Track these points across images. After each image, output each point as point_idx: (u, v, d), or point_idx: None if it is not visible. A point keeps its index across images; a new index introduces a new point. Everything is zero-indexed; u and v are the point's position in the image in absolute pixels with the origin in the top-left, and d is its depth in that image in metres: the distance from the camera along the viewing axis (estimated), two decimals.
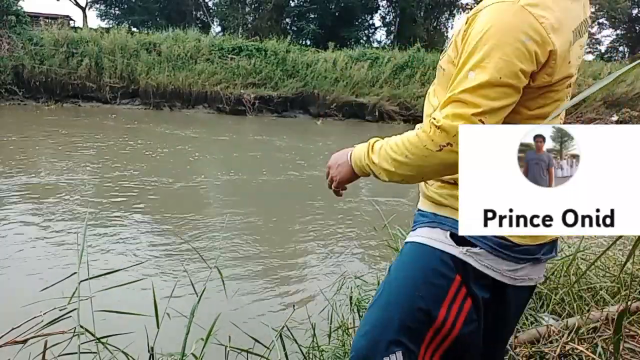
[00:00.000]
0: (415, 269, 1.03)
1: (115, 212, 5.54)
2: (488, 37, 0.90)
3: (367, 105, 18.21)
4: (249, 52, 18.36)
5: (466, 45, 0.94)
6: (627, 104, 18.02)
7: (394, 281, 1.06)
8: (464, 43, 0.96)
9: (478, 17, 0.94)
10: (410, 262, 1.06)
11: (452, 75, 0.97)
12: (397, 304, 1.02)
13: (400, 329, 1.00)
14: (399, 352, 0.99)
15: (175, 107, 17.35)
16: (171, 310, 1.43)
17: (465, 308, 0.99)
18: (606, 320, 1.80)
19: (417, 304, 1.00)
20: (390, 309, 1.02)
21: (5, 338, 1.22)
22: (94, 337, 1.32)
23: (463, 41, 0.96)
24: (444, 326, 0.99)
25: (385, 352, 0.99)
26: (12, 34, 15.79)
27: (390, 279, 1.08)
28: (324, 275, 4.14)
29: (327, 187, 1.21)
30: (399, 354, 0.99)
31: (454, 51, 1.01)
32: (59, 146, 9.49)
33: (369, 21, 29.14)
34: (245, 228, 5.33)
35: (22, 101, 15.77)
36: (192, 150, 10.05)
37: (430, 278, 1.00)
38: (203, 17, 29.09)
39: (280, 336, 1.65)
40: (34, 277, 3.69)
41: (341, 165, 1.14)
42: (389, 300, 1.04)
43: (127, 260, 4.16)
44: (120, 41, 17.17)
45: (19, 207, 5.49)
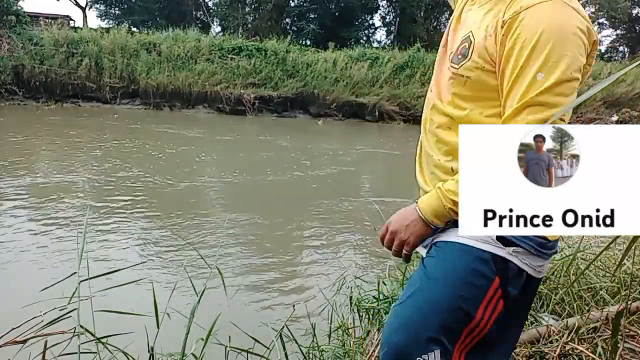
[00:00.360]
0: (457, 269, 1.02)
1: (116, 212, 5.53)
2: (547, 37, 0.91)
3: (367, 105, 18.21)
4: (249, 52, 18.35)
5: (515, 49, 0.94)
6: (627, 104, 18.01)
7: (434, 279, 1.04)
8: (510, 47, 0.94)
9: (522, 20, 0.94)
10: (451, 261, 1.04)
11: (481, 81, 1.00)
12: (437, 303, 1.00)
13: (440, 327, 0.99)
14: (437, 351, 0.98)
15: (175, 107, 17.35)
16: (171, 310, 1.43)
17: (498, 309, 1.00)
18: (606, 320, 1.80)
19: (457, 304, 0.99)
20: (429, 307, 1.01)
21: (5, 338, 1.22)
22: (94, 337, 1.32)
23: (503, 45, 0.95)
24: (477, 326, 1.00)
25: (424, 350, 0.98)
26: (12, 34, 15.78)
27: (429, 276, 1.05)
28: (324, 275, 4.14)
29: (393, 254, 1.11)
30: (437, 353, 0.98)
31: (481, 57, 1.00)
32: (64, 146, 9.49)
33: (369, 21, 29.14)
34: (246, 228, 5.33)
35: (22, 101, 15.76)
36: (198, 150, 10.08)
37: (471, 279, 1.00)
38: (203, 17, 29.07)
39: (280, 336, 1.65)
40: (34, 277, 3.69)
41: (411, 226, 1.07)
42: (429, 298, 1.02)
43: (127, 260, 4.16)
44: (120, 41, 17.17)
45: (20, 207, 5.48)
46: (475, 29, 1.04)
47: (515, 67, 0.94)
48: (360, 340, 2.03)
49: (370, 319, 2.15)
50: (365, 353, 1.88)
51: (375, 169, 10.68)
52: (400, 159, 10.35)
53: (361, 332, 2.13)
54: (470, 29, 1.06)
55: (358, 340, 2.03)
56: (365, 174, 9.99)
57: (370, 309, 2.15)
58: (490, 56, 0.99)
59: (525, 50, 0.92)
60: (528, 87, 0.91)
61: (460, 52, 1.06)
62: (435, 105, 1.14)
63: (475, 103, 1.04)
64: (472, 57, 1.02)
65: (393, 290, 2.22)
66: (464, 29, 1.10)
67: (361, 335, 2.09)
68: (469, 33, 1.06)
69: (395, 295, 2.13)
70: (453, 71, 1.07)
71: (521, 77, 0.92)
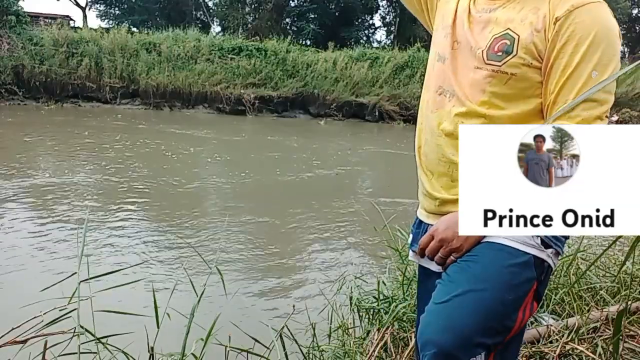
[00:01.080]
0: (503, 272, 1.00)
1: (117, 212, 5.54)
2: (601, 37, 0.94)
3: (367, 105, 18.21)
4: (249, 52, 18.35)
5: (570, 46, 0.96)
6: (627, 104, 18.01)
7: (481, 280, 1.00)
8: (563, 44, 0.96)
9: (574, 18, 0.96)
10: (498, 263, 1.01)
11: (527, 78, 1.01)
12: (488, 307, 0.98)
13: (489, 331, 0.98)
14: (482, 354, 0.97)
15: (175, 107, 17.34)
16: (171, 310, 1.43)
17: (533, 310, 1.02)
18: (606, 320, 1.80)
19: (506, 308, 0.99)
20: (481, 310, 0.98)
21: (5, 338, 1.22)
22: (94, 337, 1.32)
23: (554, 42, 0.97)
24: (517, 328, 1.00)
25: (472, 353, 0.96)
26: (12, 34, 15.78)
27: (477, 277, 1.01)
28: (324, 276, 4.13)
29: (437, 262, 1.08)
30: (482, 356, 0.97)
31: (528, 53, 1.00)
32: (77, 146, 9.48)
33: (369, 21, 29.15)
34: (247, 228, 5.33)
35: (22, 101, 15.76)
36: (210, 151, 10.12)
37: (516, 282, 0.99)
38: (203, 17, 29.07)
39: (280, 336, 1.65)
40: (34, 277, 3.69)
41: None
42: (479, 300, 0.99)
43: (127, 260, 4.16)
44: (120, 41, 17.16)
45: (20, 207, 5.48)
46: (515, 26, 1.03)
47: (570, 63, 0.96)
48: (360, 340, 2.03)
49: (370, 319, 2.15)
50: (365, 353, 1.88)
51: (386, 169, 10.66)
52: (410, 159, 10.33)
53: (361, 332, 2.13)
54: (506, 26, 1.05)
55: (358, 340, 2.03)
56: (375, 173, 10.02)
57: (370, 309, 2.14)
58: (539, 52, 1.00)
59: (581, 47, 0.95)
60: (584, 84, 0.94)
61: (500, 48, 1.04)
62: (462, 110, 1.08)
63: (514, 102, 1.03)
64: (518, 53, 1.01)
65: (393, 291, 2.21)
66: (493, 27, 1.07)
67: (361, 335, 2.09)
68: (506, 30, 1.04)
69: (396, 295, 2.13)
70: (494, 68, 1.04)
71: (576, 74, 0.95)
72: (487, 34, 1.08)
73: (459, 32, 1.15)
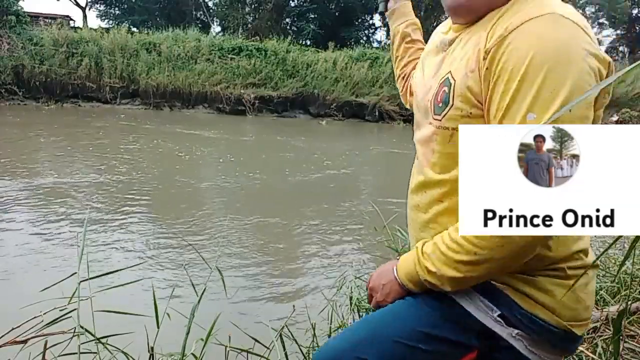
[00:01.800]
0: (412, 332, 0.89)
1: (118, 212, 5.54)
2: (539, 62, 0.71)
3: (367, 105, 18.23)
4: (249, 52, 18.36)
5: (500, 84, 0.74)
6: (627, 104, 18.02)
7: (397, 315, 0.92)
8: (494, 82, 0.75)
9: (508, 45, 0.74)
10: (410, 325, 0.90)
11: None
12: (387, 335, 0.90)
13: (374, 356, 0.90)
14: None
15: (175, 107, 17.35)
16: (171, 310, 1.43)
17: None
18: (606, 320, 1.80)
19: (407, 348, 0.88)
20: (378, 332, 0.92)
21: (5, 338, 1.22)
22: (94, 337, 1.32)
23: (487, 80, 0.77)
24: None
25: None
26: (12, 34, 15.79)
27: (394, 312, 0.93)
28: (324, 276, 4.14)
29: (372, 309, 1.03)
30: None
31: (465, 101, 0.81)
32: (90, 147, 9.50)
33: (369, 21, 29.15)
34: (250, 228, 5.34)
35: (22, 101, 15.77)
36: (221, 151, 10.14)
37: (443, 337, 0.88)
38: (203, 17, 29.07)
39: (280, 336, 1.65)
40: (34, 277, 3.69)
41: (387, 286, 0.94)
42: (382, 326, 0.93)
43: (127, 260, 4.16)
44: (120, 41, 17.18)
45: (20, 207, 5.48)
46: (455, 68, 0.84)
47: (500, 107, 0.75)
48: None
49: None
50: None
51: (395, 169, 10.67)
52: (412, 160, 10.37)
53: None
54: (449, 68, 0.86)
55: None
56: (383, 173, 10.06)
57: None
58: (476, 97, 0.79)
59: (512, 83, 0.73)
60: None
61: (441, 99, 0.85)
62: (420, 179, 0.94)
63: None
64: (455, 103, 0.82)
65: None
66: (443, 68, 0.90)
67: None
68: (447, 74, 0.85)
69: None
70: (437, 124, 0.86)
71: (507, 120, 0.74)
72: (439, 75, 0.90)
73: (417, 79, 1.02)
